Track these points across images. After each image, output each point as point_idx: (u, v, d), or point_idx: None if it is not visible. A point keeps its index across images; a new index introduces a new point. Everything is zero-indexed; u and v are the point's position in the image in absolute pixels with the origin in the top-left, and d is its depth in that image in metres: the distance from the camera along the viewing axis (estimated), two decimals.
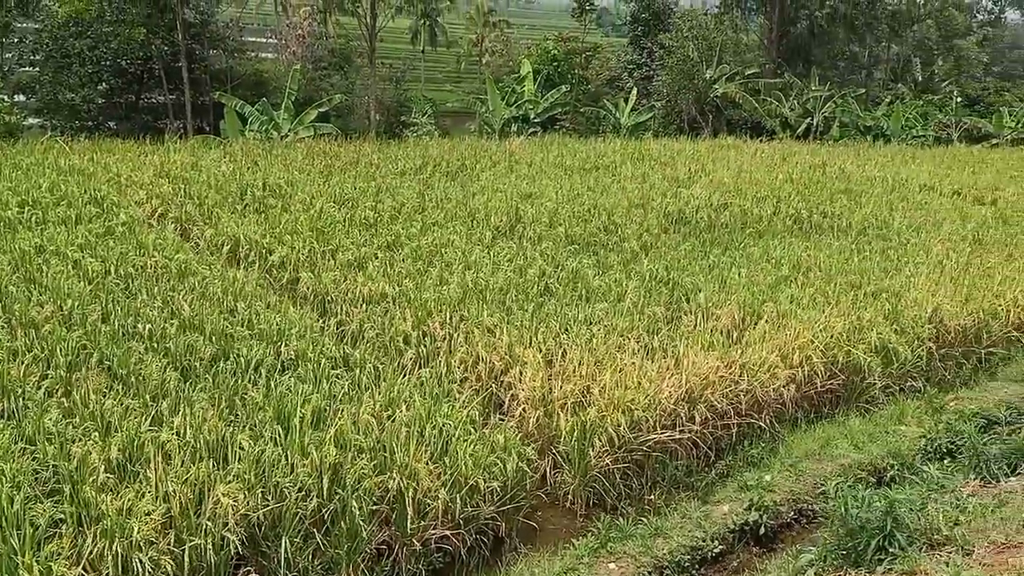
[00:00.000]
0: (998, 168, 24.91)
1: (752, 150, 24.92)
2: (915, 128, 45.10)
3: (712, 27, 43.31)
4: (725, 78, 39.88)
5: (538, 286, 10.73)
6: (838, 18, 52.82)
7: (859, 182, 20.25)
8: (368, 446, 6.59)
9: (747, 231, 14.77)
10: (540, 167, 19.63)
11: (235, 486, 5.84)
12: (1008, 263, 13.32)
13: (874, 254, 13.51)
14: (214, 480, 5.89)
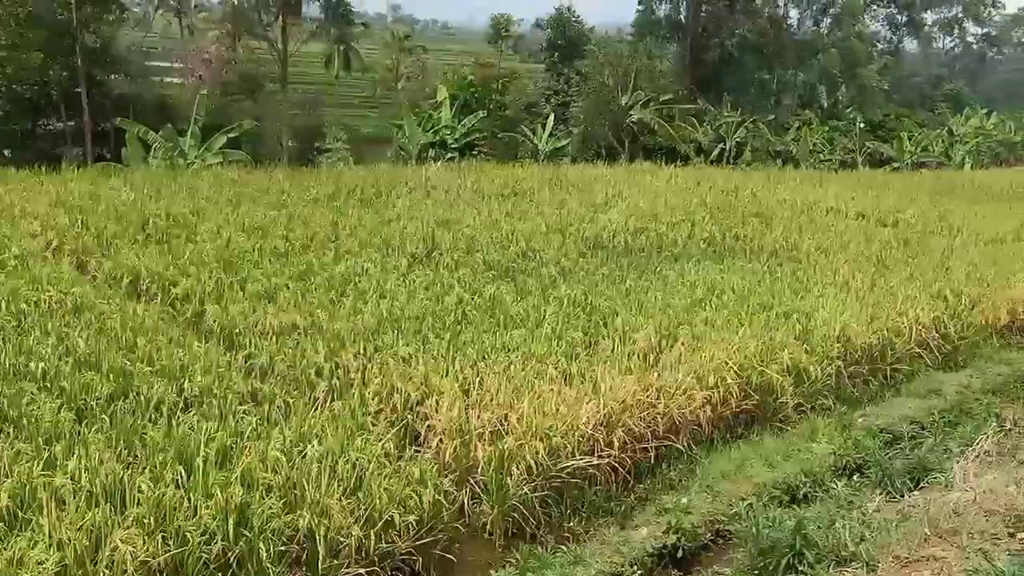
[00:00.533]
0: (899, 191, 26.30)
1: (667, 175, 25.64)
2: (822, 153, 47.41)
3: (627, 54, 44.52)
4: (640, 104, 40.99)
5: (455, 314, 10.73)
6: (747, 47, 55.15)
7: (770, 205, 21.06)
8: (277, 484, 6.42)
9: (663, 255, 15.14)
10: (458, 193, 19.74)
11: (134, 531, 5.60)
12: (910, 282, 13.98)
13: (785, 276, 13.99)
14: (111, 526, 5.63)
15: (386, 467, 6.92)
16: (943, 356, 11.90)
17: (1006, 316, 13.17)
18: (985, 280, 14.44)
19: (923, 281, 14.05)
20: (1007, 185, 31.14)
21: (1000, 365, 11.57)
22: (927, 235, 19.01)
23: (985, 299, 13.46)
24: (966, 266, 15.39)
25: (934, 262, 15.64)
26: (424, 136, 34.51)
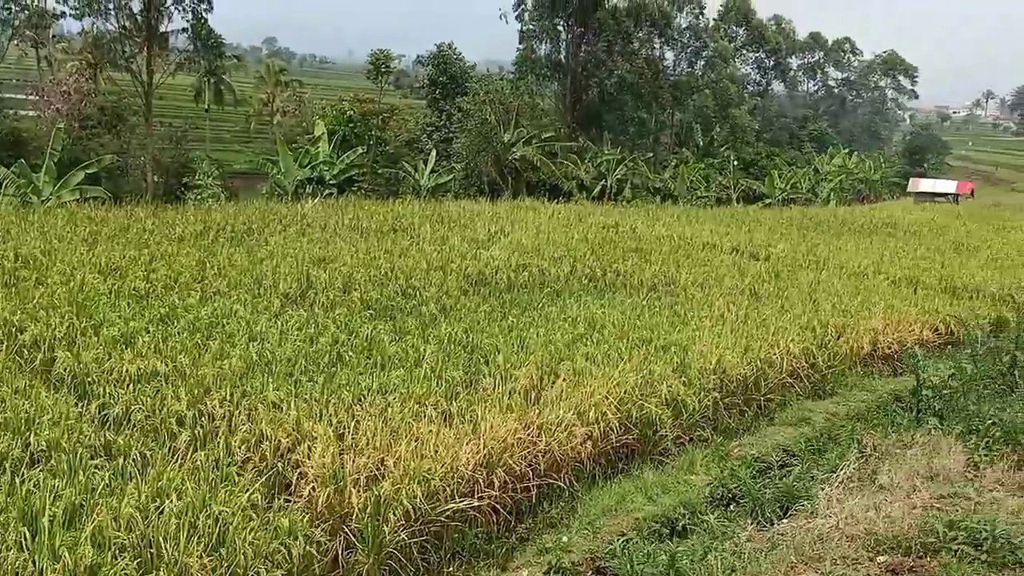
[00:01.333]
0: (770, 226, 27.80)
1: (550, 211, 26.16)
2: (699, 189, 49.72)
3: (508, 92, 45.49)
4: (523, 141, 41.85)
5: (330, 355, 10.49)
6: (626, 87, 57.48)
7: (649, 241, 21.81)
8: (131, 543, 6.04)
9: (545, 291, 15.35)
10: (335, 230, 19.46)
11: None
12: (781, 314, 14.72)
13: (663, 309, 14.45)
14: None
15: (252, 520, 6.64)
16: (812, 385, 12.54)
17: (868, 345, 14.02)
18: (849, 311, 15.37)
19: (793, 313, 14.82)
20: (867, 220, 33.52)
21: (863, 392, 12.29)
22: (796, 268, 20.12)
23: (850, 329, 14.30)
24: (832, 298, 16.36)
25: (803, 294, 16.54)
26: (301, 172, 33.93)
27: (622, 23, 57.13)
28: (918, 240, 27.92)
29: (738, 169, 59.65)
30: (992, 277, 20.21)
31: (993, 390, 8.12)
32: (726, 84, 70.52)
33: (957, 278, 19.89)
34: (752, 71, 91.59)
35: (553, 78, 57.85)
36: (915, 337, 14.77)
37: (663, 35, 67.30)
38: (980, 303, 17.46)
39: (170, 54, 41.62)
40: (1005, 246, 27.24)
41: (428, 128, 48.87)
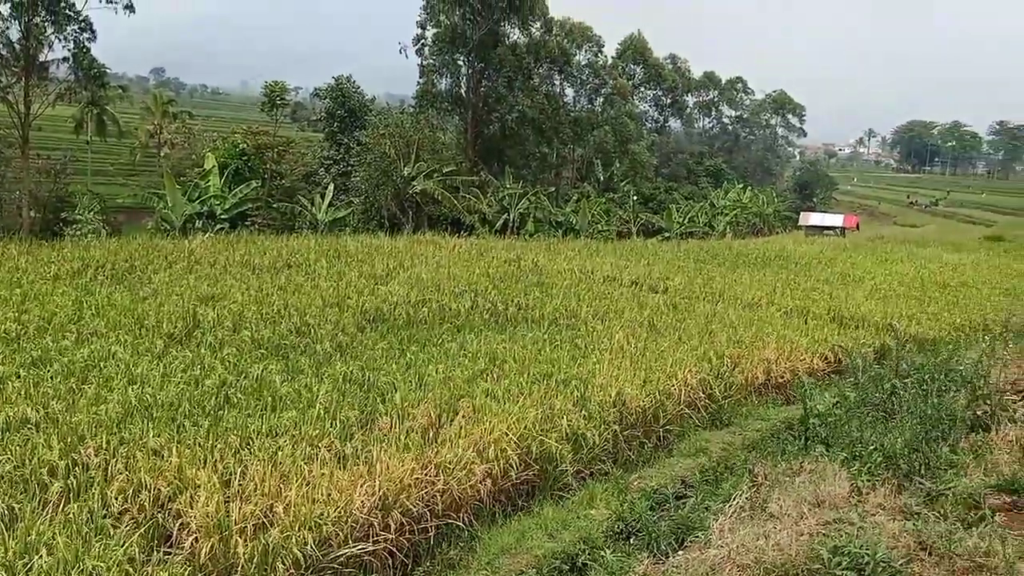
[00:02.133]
0: (668, 259, 28.64)
1: (451, 245, 26.22)
2: (600, 223, 50.83)
3: (409, 126, 45.56)
4: (423, 175, 41.92)
5: (217, 398, 10.14)
6: (527, 122, 58.47)
7: (551, 275, 22.10)
8: None
9: (445, 326, 15.31)
10: (225, 267, 18.94)
11: None
12: (679, 346, 15.11)
13: (564, 343, 14.62)
14: None
15: (130, 575, 6.31)
16: (710, 415, 12.88)
17: (762, 374, 14.54)
18: (744, 342, 15.90)
19: (690, 344, 15.23)
20: (761, 253, 34.97)
21: (758, 421, 12.71)
22: (693, 300, 20.74)
23: (744, 359, 14.80)
24: (727, 329, 16.91)
25: (700, 326, 17.03)
26: (189, 206, 32.95)
27: (522, 60, 58.26)
28: (808, 272, 29.26)
29: (638, 203, 61.40)
30: (876, 307, 21.33)
31: (874, 416, 8.54)
32: (625, 120, 72.68)
33: (844, 308, 20.90)
34: (650, 108, 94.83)
35: (454, 112, 58.38)
36: (806, 366, 15.42)
37: (563, 72, 68.99)
38: (865, 332, 18.38)
39: (49, 84, 39.92)
40: (887, 277, 28.85)
41: (326, 161, 48.37)
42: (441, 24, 55.83)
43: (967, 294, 25.47)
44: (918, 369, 10.17)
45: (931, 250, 44.44)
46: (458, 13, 53.95)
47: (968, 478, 6.75)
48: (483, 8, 53.91)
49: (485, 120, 57.70)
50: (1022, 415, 8.21)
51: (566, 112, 67.03)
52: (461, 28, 54.84)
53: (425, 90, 55.92)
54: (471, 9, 53.64)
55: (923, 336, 18.33)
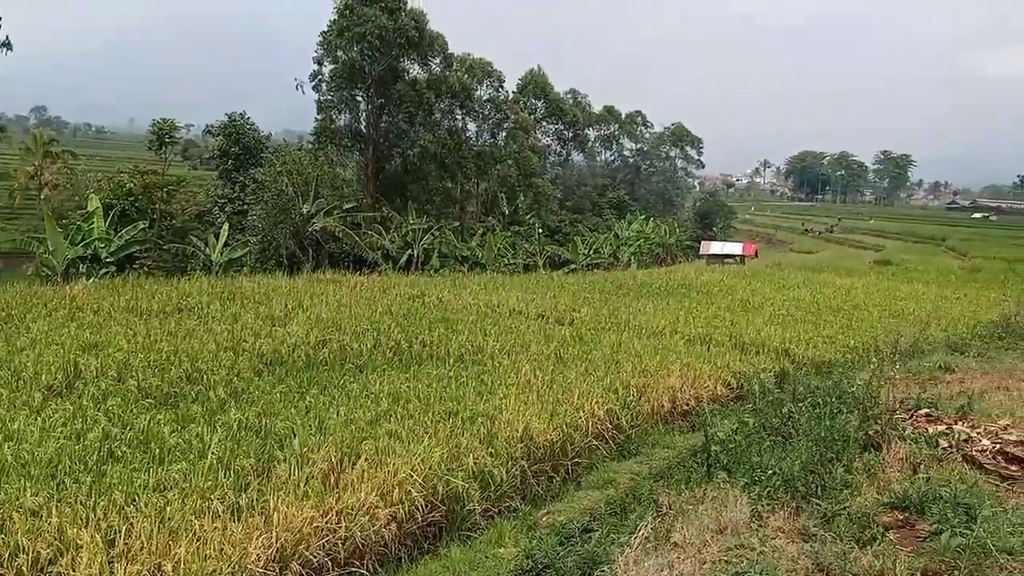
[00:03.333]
0: (574, 291, 29.00)
1: (352, 283, 25.90)
2: (506, 257, 51.20)
3: (307, 162, 45.01)
4: (323, 212, 41.40)
5: (100, 452, 9.65)
6: (429, 157, 58.62)
7: (456, 310, 22.05)
8: None
9: (347, 367, 15.06)
10: (110, 313, 18.16)
11: None
12: (586, 377, 15.25)
13: (470, 379, 14.56)
14: None
15: None
16: (618, 445, 13.04)
17: (668, 403, 14.82)
18: (649, 370, 16.18)
19: (597, 375, 15.40)
20: (664, 282, 35.86)
21: (664, 449, 12.92)
22: (599, 331, 21.03)
23: (650, 388, 15.06)
24: (633, 358, 17.18)
25: (606, 356, 17.26)
26: (72, 250, 31.53)
27: (423, 95, 58.52)
28: (710, 300, 30.11)
29: (543, 236, 62.18)
30: (775, 332, 22.08)
31: (773, 441, 8.80)
32: (528, 154, 73.75)
33: (745, 334, 21.57)
34: (552, 142, 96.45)
35: (354, 148, 58.03)
36: (710, 393, 15.80)
37: (464, 107, 69.55)
38: (765, 357, 18.99)
39: None
40: (785, 303, 29.97)
41: (220, 200, 47.20)
42: (338, 60, 55.62)
43: (859, 317, 26.67)
44: (813, 392, 10.55)
45: (825, 275, 46.49)
46: (356, 49, 53.85)
47: (862, 497, 7.00)
48: (381, 44, 53.98)
49: (386, 156, 57.56)
50: (911, 433, 8.59)
51: (469, 147, 67.56)
52: (359, 64, 54.73)
53: (323, 126, 55.43)
54: (369, 45, 53.62)
55: (819, 359, 19.06)
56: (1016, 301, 23.55)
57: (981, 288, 41.20)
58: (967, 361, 14.31)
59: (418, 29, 56.92)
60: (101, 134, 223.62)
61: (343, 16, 54.82)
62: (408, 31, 55.54)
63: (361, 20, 53.03)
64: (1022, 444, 8.10)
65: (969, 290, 39.52)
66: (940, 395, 11.03)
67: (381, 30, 53.12)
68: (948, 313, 27.75)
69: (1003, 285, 42.61)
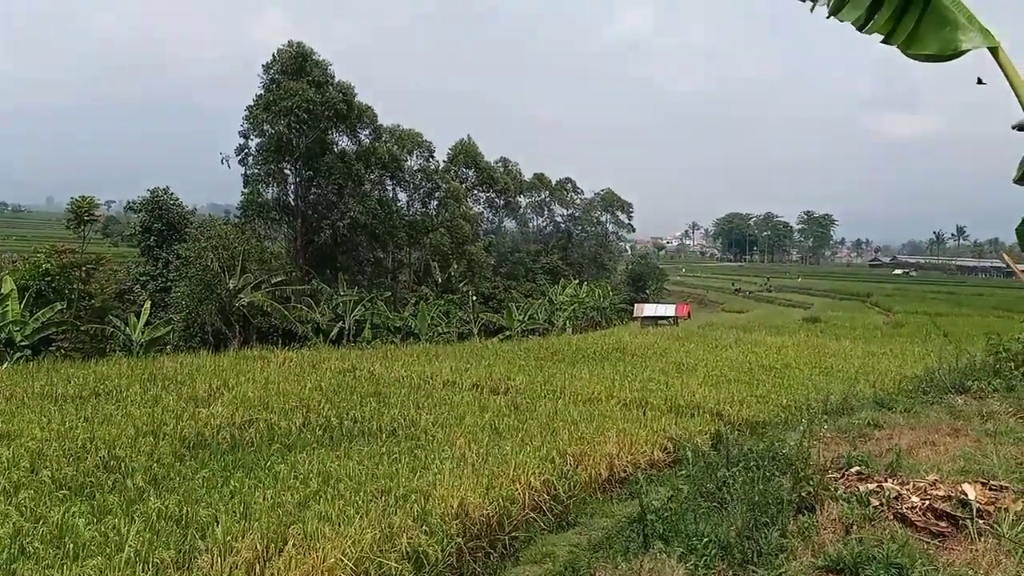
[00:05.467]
0: (509, 359, 28.97)
1: (281, 359, 25.44)
2: (440, 326, 50.98)
3: (233, 237, 44.50)
4: (251, 287, 40.78)
5: (10, 549, 9.15)
6: (360, 228, 58.60)
7: (388, 383, 21.79)
8: None
9: (274, 447, 14.68)
10: (23, 400, 17.43)
11: None
12: (522, 447, 15.13)
13: (403, 455, 14.32)
14: None
15: None
16: (556, 517, 12.87)
17: (605, 470, 14.76)
18: (586, 438, 16.16)
19: (533, 445, 15.29)
20: (599, 347, 36.11)
21: (603, 519, 12.79)
22: (535, 399, 20.98)
23: (587, 456, 15.00)
24: (569, 426, 17.14)
25: (542, 425, 17.19)
26: None
27: (352, 166, 58.75)
28: (645, 363, 30.41)
29: (478, 303, 62.25)
30: (709, 394, 22.36)
31: (708, 507, 8.82)
32: (460, 222, 74.38)
33: (680, 397, 21.78)
34: (484, 209, 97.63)
35: (283, 221, 57.67)
36: (647, 458, 15.81)
37: (395, 177, 70.07)
38: (700, 419, 19.17)
39: None
40: (719, 363, 30.44)
41: (142, 278, 46.09)
42: (265, 133, 55.62)
43: (791, 375, 27.22)
44: (747, 455, 10.66)
45: (757, 334, 47.47)
46: (283, 122, 53.97)
47: (798, 561, 7.03)
48: (309, 117, 54.25)
49: (316, 228, 57.32)
50: (843, 493, 8.72)
51: (400, 216, 67.82)
52: (287, 137, 54.81)
53: (250, 200, 55.04)
54: (296, 119, 53.83)
55: (753, 419, 19.33)
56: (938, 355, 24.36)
57: (905, 342, 42.58)
58: (895, 417, 14.65)
59: (346, 102, 57.46)
60: (17, 213, 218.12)
61: (269, 91, 55.06)
62: (336, 104, 56.00)
63: (288, 94, 53.31)
64: (950, 499, 8.28)
65: (894, 345, 40.80)
66: (870, 452, 11.25)
67: (309, 103, 53.44)
68: (875, 368, 28.53)
69: (925, 339, 44.13)
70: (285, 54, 55.79)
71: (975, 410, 14.08)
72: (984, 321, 55.19)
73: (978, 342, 25.45)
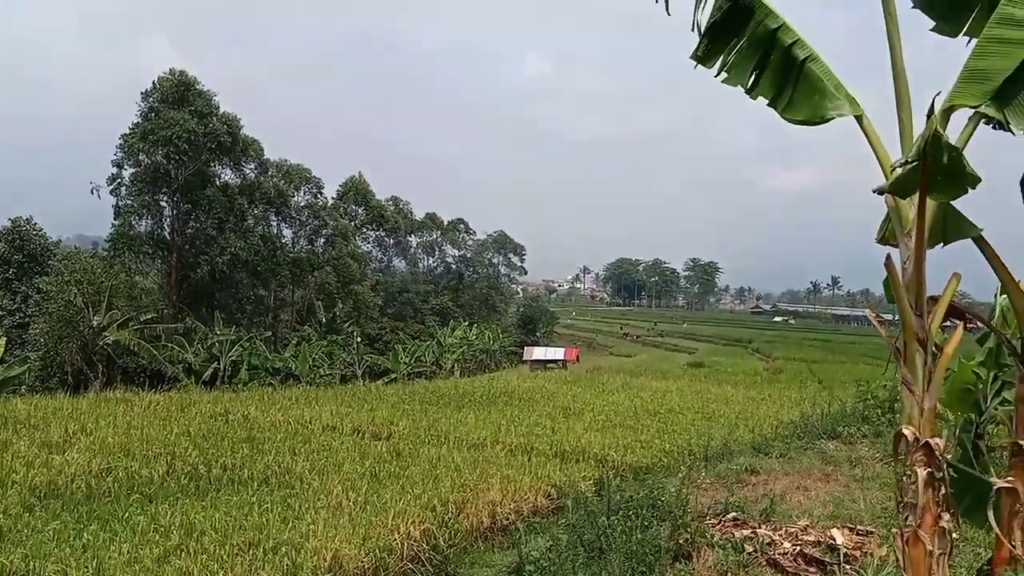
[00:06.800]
0: (394, 403, 28.55)
1: (146, 402, 24.29)
2: (322, 368, 49.87)
3: (100, 270, 42.52)
4: (117, 325, 38.93)
5: None
6: (240, 264, 56.98)
7: (263, 428, 21.08)
8: None
9: (134, 497, 13.92)
10: None
11: None
12: (402, 495, 14.84)
13: (275, 505, 13.80)
14: None
15: None
16: (435, 567, 12.62)
17: (488, 518, 14.60)
18: (469, 485, 15.99)
19: (414, 493, 15.01)
20: (487, 391, 36.06)
21: (484, 569, 12.63)
22: (418, 445, 20.68)
23: (470, 504, 14.82)
24: (452, 473, 16.94)
25: (424, 472, 16.93)
26: None
27: (235, 200, 57.30)
28: (532, 407, 30.53)
29: (363, 345, 61.32)
30: (595, 439, 22.58)
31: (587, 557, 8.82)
32: (348, 261, 73.45)
33: (565, 442, 21.90)
34: (374, 248, 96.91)
35: (156, 255, 55.46)
36: (530, 505, 15.75)
37: (280, 213, 68.74)
38: (584, 465, 19.31)
39: None
40: (605, 407, 30.87)
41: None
42: (141, 163, 53.61)
43: (674, 420, 27.84)
44: (627, 503, 10.76)
45: (643, 379, 48.53)
46: (161, 152, 52.17)
47: None
48: (190, 148, 52.63)
49: (192, 263, 55.40)
50: (719, 539, 8.89)
51: (284, 253, 66.38)
52: (164, 168, 52.95)
53: (121, 232, 52.67)
54: (176, 149, 52.11)
55: (637, 464, 19.60)
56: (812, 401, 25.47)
57: (783, 388, 44.38)
58: (771, 462, 15.17)
59: (231, 134, 56.18)
60: None
61: (148, 119, 53.23)
62: (220, 136, 54.65)
63: (167, 123, 51.66)
64: (819, 545, 8.56)
65: (773, 390, 42.44)
66: (746, 498, 11.57)
67: (190, 134, 51.92)
68: (755, 414, 29.53)
69: (802, 385, 46.12)
70: (166, 82, 54.17)
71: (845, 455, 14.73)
72: (856, 368, 58.18)
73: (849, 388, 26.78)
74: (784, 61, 5.32)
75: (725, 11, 5.42)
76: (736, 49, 5.46)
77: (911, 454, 4.48)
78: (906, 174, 4.21)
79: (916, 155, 4.07)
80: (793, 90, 5.34)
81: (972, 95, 4.41)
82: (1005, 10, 4.39)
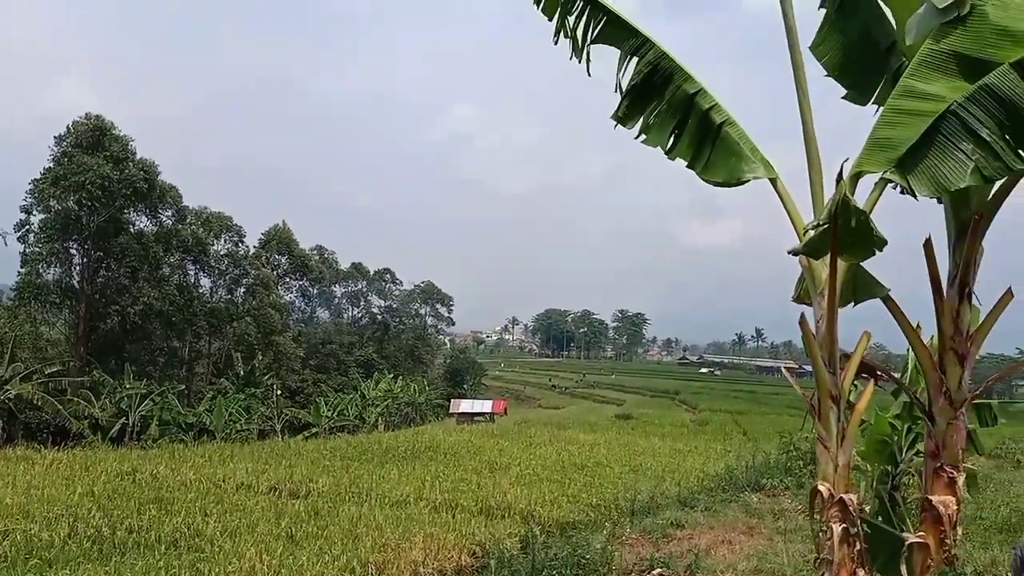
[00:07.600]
0: (313, 459, 27.92)
1: (49, 460, 23.24)
2: (239, 422, 48.55)
3: (4, 321, 40.88)
4: (20, 377, 37.33)
5: None
6: (154, 314, 55.41)
7: (173, 488, 20.35)
8: None
9: (32, 563, 13.24)
10: None
11: None
12: (320, 557, 14.43)
13: (183, 569, 13.27)
14: None
15: None
16: None
17: None
18: (390, 544, 15.65)
19: (332, 554, 14.63)
20: (411, 445, 35.58)
21: None
22: (338, 503, 20.22)
23: (391, 564, 14.49)
24: (374, 532, 16.57)
25: (344, 531, 16.53)
26: None
27: (150, 248, 55.90)
28: (457, 462, 30.21)
29: (283, 398, 59.99)
30: (521, 493, 22.40)
31: None
32: (269, 311, 72.09)
33: (491, 497, 21.66)
34: (296, 298, 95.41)
35: (64, 305, 53.53)
36: (454, 564, 15.45)
37: (199, 262, 67.31)
38: (510, 521, 19.11)
39: None
40: (532, 461, 30.75)
41: None
42: (51, 209, 51.99)
43: (602, 474, 27.87)
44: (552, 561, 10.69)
45: (571, 431, 48.59)
46: (73, 199, 50.70)
47: None
48: (104, 195, 51.30)
49: (102, 313, 53.61)
50: None
51: (201, 303, 64.85)
52: (76, 214, 51.43)
53: (27, 280, 50.75)
54: (89, 195, 50.70)
55: (564, 519, 19.49)
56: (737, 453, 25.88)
57: (709, 440, 44.99)
58: (696, 516, 15.30)
59: (148, 180, 54.99)
60: None
61: (60, 164, 51.80)
62: (136, 182, 53.45)
63: (81, 169, 50.34)
64: None
65: (699, 442, 42.97)
66: (672, 553, 11.61)
67: (104, 180, 50.66)
68: (681, 467, 29.80)
69: (727, 437, 46.82)
70: (81, 127, 52.92)
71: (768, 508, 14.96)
72: (779, 419, 59.45)
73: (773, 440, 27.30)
74: (702, 124, 5.51)
75: (645, 74, 5.60)
76: (656, 112, 5.64)
77: (827, 510, 4.58)
78: (818, 236, 4.37)
79: (827, 218, 4.24)
80: (711, 152, 5.53)
81: (878, 162, 4.64)
82: (907, 83, 4.65)
